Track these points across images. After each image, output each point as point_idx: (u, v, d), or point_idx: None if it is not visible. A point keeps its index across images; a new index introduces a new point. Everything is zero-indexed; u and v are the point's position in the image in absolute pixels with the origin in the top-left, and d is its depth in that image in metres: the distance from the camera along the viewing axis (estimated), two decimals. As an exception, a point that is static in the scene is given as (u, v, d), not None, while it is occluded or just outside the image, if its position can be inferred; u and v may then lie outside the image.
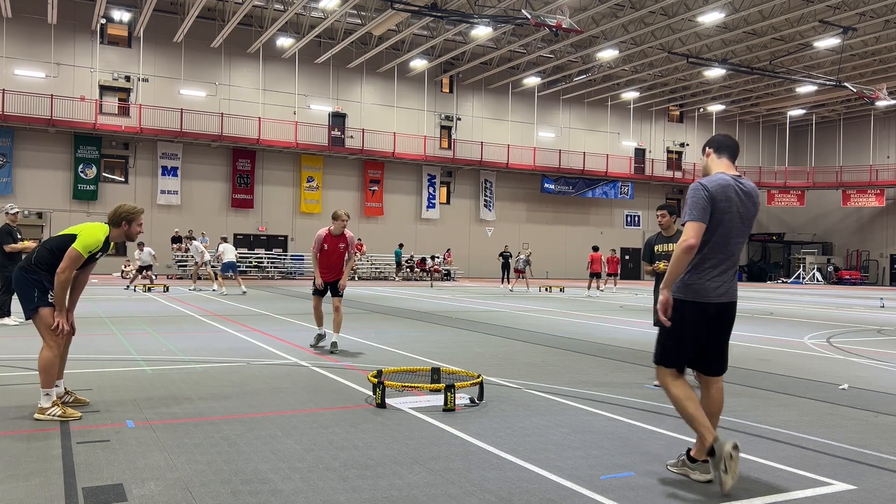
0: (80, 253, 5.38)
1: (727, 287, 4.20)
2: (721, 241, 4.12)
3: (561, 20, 27.26)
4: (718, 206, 4.07)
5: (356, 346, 9.90)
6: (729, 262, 4.19)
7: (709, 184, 4.11)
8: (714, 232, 4.09)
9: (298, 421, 5.46)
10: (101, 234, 5.52)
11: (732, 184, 4.13)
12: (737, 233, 4.15)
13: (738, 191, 4.14)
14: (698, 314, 4.15)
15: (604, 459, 4.63)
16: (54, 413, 5.29)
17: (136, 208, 5.74)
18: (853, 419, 6.01)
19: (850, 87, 36.08)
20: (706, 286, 4.13)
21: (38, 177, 31.37)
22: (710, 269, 4.15)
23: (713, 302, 4.14)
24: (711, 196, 4.06)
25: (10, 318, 11.60)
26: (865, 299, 25.94)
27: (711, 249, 4.12)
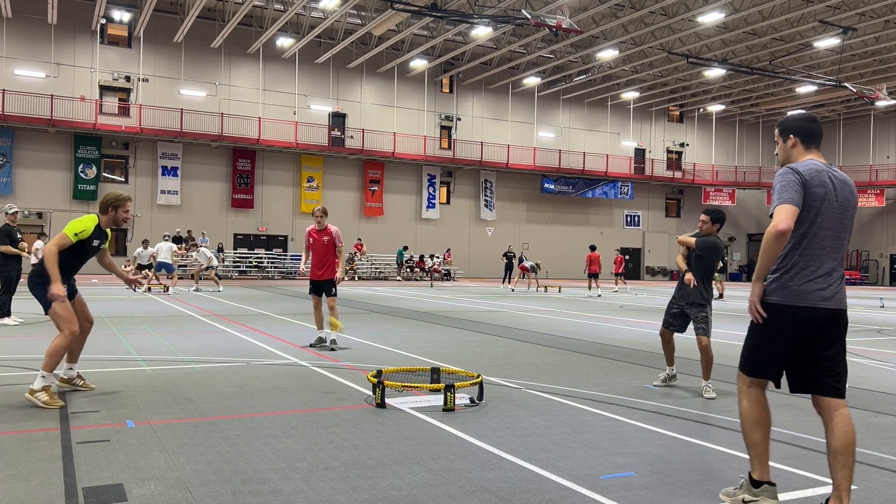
0: (66, 236, 5.93)
1: (833, 290, 3.60)
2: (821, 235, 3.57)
3: (561, 20, 27.26)
4: (814, 191, 3.51)
5: (356, 346, 9.90)
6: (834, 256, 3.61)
7: (800, 167, 3.57)
8: (813, 223, 3.55)
9: (298, 421, 5.46)
10: (89, 220, 6.08)
11: (826, 170, 3.60)
12: (837, 225, 3.59)
13: (833, 178, 3.60)
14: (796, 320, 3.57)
15: (604, 459, 4.63)
16: (40, 398, 5.66)
17: (122, 195, 6.34)
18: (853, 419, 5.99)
19: (850, 87, 36.09)
20: (805, 287, 3.56)
21: (38, 177, 31.37)
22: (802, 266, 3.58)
23: (812, 306, 3.55)
24: (805, 180, 3.51)
25: (10, 318, 11.59)
26: (865, 299, 25.94)
27: (811, 244, 3.57)
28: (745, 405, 3.72)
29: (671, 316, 7.36)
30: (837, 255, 3.63)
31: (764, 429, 3.67)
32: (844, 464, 3.53)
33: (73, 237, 5.96)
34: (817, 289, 3.56)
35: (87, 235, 6.03)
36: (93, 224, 6.08)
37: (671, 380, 7.41)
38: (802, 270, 3.58)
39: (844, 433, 3.56)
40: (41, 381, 5.72)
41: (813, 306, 3.56)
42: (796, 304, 3.57)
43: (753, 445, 3.68)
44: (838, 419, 3.59)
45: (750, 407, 3.70)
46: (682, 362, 9.18)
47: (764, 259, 3.56)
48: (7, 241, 11.48)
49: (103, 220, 6.23)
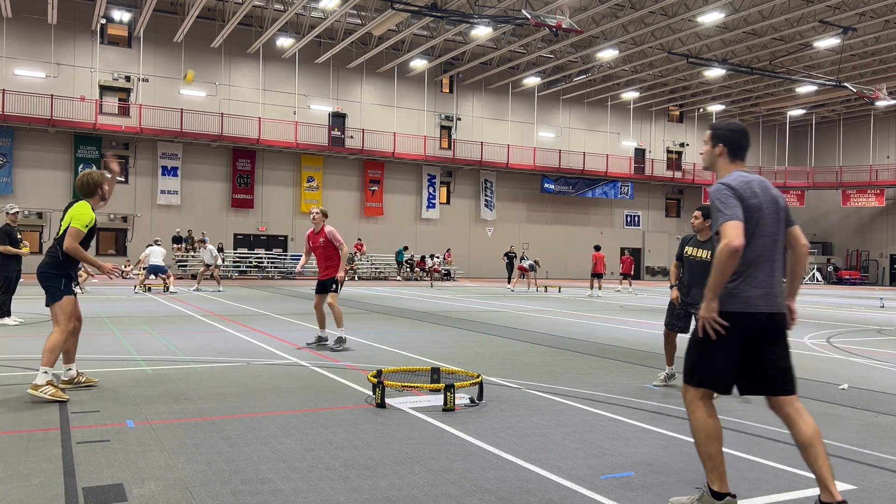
0: (79, 229, 6.08)
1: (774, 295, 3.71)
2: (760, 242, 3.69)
3: (561, 20, 27.26)
4: (749, 203, 3.64)
5: (356, 346, 9.90)
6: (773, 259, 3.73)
7: (732, 182, 3.69)
8: (753, 233, 3.66)
9: (298, 421, 5.46)
10: (88, 208, 6.23)
11: (753, 179, 3.74)
12: (774, 230, 3.72)
13: (762, 186, 3.74)
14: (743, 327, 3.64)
15: (604, 459, 4.63)
16: (46, 392, 5.78)
17: (101, 172, 6.56)
18: (853, 419, 6.01)
19: (850, 87, 36.09)
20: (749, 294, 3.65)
21: (38, 177, 31.37)
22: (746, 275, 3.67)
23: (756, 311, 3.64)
24: (739, 194, 3.65)
25: (10, 318, 11.59)
26: (865, 299, 25.94)
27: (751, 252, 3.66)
28: (698, 417, 3.67)
29: (675, 317, 7.34)
30: (775, 259, 3.73)
31: (719, 440, 3.66)
32: (818, 454, 3.57)
33: (85, 229, 6.13)
34: (761, 294, 3.65)
35: (93, 222, 6.23)
36: (91, 210, 6.26)
37: (671, 379, 7.40)
38: (746, 278, 3.65)
39: (807, 425, 3.63)
40: (44, 376, 5.83)
41: (757, 312, 3.63)
42: (744, 311, 3.62)
43: (710, 458, 3.64)
44: (797, 415, 3.67)
45: (704, 419, 3.66)
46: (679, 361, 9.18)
47: (721, 276, 3.58)
48: (7, 241, 11.48)
49: (93, 202, 6.37)
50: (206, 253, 23.00)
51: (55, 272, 6.14)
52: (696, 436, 3.69)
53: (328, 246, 9.52)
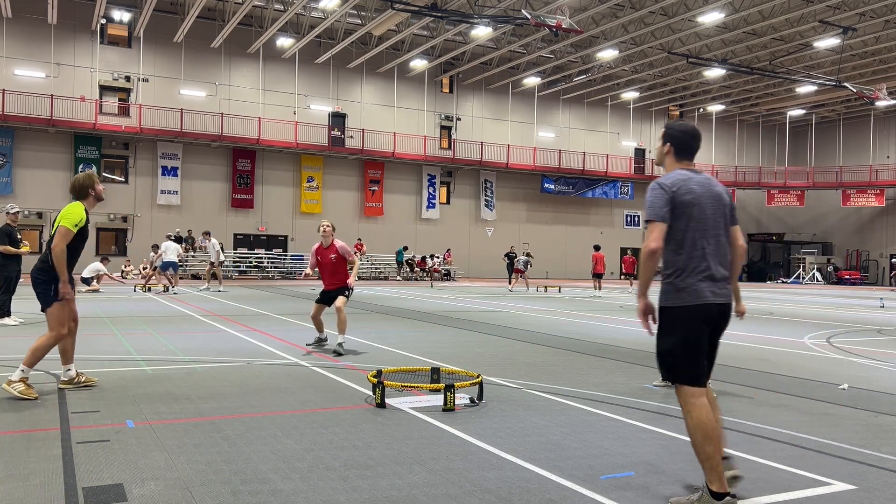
0: (69, 228, 6.02)
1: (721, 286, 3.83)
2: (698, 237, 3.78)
3: (561, 20, 27.26)
4: (682, 199, 3.75)
5: (356, 346, 9.90)
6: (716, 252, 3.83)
7: (666, 181, 3.83)
8: (688, 228, 3.76)
9: (298, 421, 5.46)
10: (79, 208, 6.18)
11: (692, 177, 3.85)
12: (713, 225, 3.81)
13: (699, 183, 3.84)
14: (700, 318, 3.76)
15: (604, 459, 4.63)
16: (16, 388, 5.90)
17: (91, 172, 6.61)
18: (853, 419, 6.01)
19: (850, 87, 36.08)
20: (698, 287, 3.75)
21: (38, 177, 31.36)
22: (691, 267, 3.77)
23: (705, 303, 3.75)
24: (672, 193, 3.76)
25: (10, 318, 11.59)
26: (865, 299, 25.94)
27: (693, 247, 3.77)
28: (696, 417, 3.69)
29: None
30: (719, 253, 3.84)
31: (716, 440, 3.68)
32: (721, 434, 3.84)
33: (75, 228, 6.06)
34: (708, 287, 3.76)
35: (84, 222, 6.17)
36: (82, 210, 6.21)
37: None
38: (692, 272, 3.77)
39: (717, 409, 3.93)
40: (19, 373, 5.96)
41: (708, 303, 3.75)
42: (696, 304, 3.75)
43: (708, 458, 3.65)
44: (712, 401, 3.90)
45: (702, 418, 3.67)
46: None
47: (643, 276, 3.80)
48: (7, 242, 11.48)
49: (87, 203, 6.35)
50: (211, 249, 22.93)
51: (44, 277, 6.10)
52: (693, 436, 3.71)
53: (339, 262, 9.31)
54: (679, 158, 3.99)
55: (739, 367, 8.74)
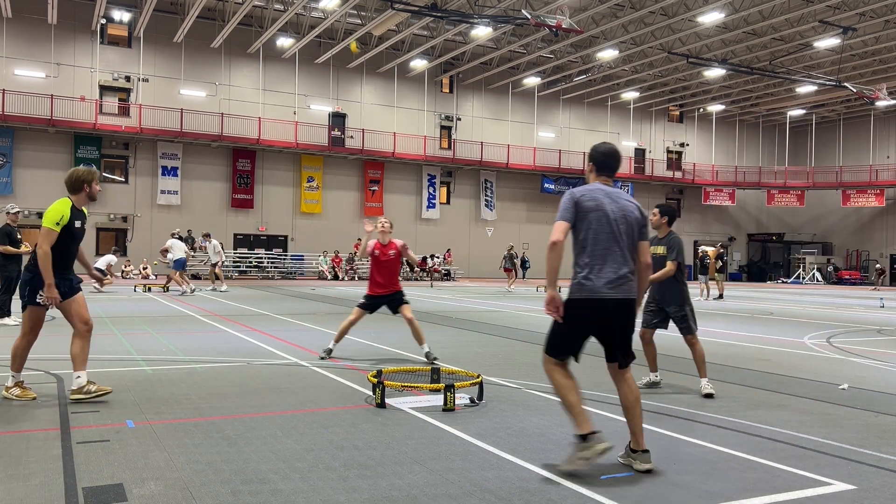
0: (49, 228, 5.74)
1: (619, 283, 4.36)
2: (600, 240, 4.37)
3: (561, 20, 27.26)
4: (585, 205, 4.38)
5: (356, 346, 9.90)
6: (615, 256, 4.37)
7: (576, 190, 4.46)
8: (589, 230, 4.37)
9: (298, 421, 5.46)
10: (62, 205, 5.88)
11: (601, 189, 4.48)
12: (610, 231, 4.37)
13: (608, 195, 4.45)
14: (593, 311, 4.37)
15: (604, 459, 4.63)
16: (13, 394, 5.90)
17: (91, 169, 6.27)
18: (853, 419, 6.00)
19: (850, 87, 36.08)
20: (596, 284, 4.35)
21: (38, 177, 31.35)
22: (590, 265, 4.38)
23: (596, 297, 4.34)
24: (576, 199, 4.40)
25: (9, 318, 11.59)
26: (865, 299, 25.94)
27: (594, 248, 4.37)
28: (558, 378, 4.43)
29: (650, 314, 7.27)
30: (619, 256, 4.39)
31: (576, 391, 4.40)
32: (634, 414, 4.43)
33: (56, 227, 5.75)
34: (605, 283, 4.34)
35: (68, 220, 5.83)
36: (67, 207, 5.89)
37: (654, 386, 7.20)
38: (592, 270, 4.37)
39: (631, 391, 4.48)
40: (11, 378, 5.97)
41: (604, 298, 4.34)
42: (592, 298, 4.35)
43: (572, 405, 4.35)
44: (625, 382, 4.51)
45: (562, 378, 4.42)
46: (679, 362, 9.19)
47: (548, 268, 4.36)
48: (7, 242, 11.48)
49: (77, 199, 6.05)
50: (211, 249, 22.89)
51: (27, 277, 5.93)
52: (559, 392, 4.43)
53: (397, 260, 8.88)
54: (598, 174, 4.59)
55: (739, 366, 8.74)
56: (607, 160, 4.61)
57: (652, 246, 7.10)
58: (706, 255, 24.34)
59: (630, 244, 4.44)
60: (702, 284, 23.82)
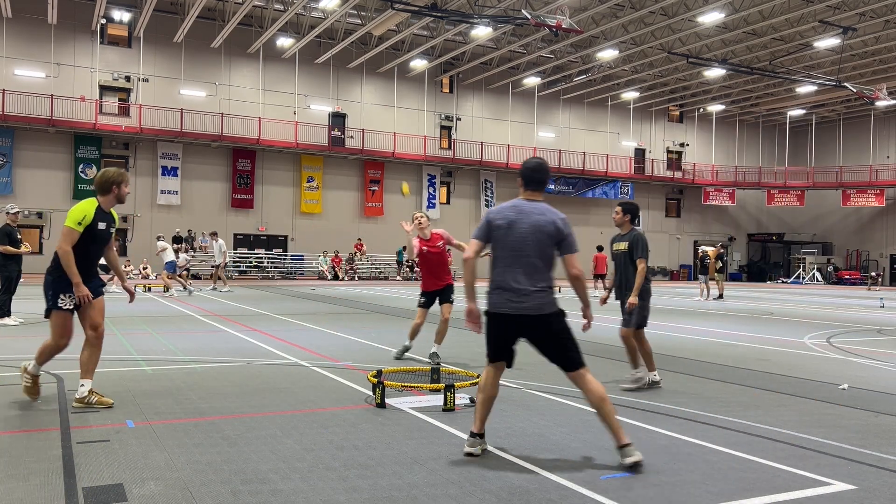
0: (70, 227, 5.59)
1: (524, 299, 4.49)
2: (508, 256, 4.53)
3: (561, 20, 27.26)
4: (495, 223, 4.58)
5: (356, 346, 9.90)
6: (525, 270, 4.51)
7: (491, 211, 4.69)
8: (503, 248, 4.55)
9: (298, 421, 5.46)
10: (87, 205, 5.70)
11: (516, 206, 4.63)
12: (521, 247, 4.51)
13: (520, 211, 4.59)
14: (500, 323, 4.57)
15: (604, 459, 4.63)
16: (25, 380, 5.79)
17: (121, 170, 5.98)
18: (853, 419, 6.01)
19: (850, 87, 36.08)
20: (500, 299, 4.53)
21: (38, 177, 31.36)
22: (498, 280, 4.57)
23: (499, 312, 4.53)
24: (489, 220, 4.62)
25: (10, 318, 11.59)
26: (865, 299, 25.94)
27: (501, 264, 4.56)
28: (483, 376, 4.73)
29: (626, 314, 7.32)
30: (523, 273, 4.51)
31: (486, 393, 4.66)
32: (603, 412, 4.44)
33: (78, 227, 5.60)
34: (506, 300, 4.51)
35: (91, 220, 5.66)
36: (92, 207, 5.70)
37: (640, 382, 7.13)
38: (497, 285, 4.56)
39: (594, 390, 4.48)
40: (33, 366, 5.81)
41: (501, 313, 4.52)
42: (496, 312, 4.55)
43: (477, 404, 4.68)
44: (582, 384, 4.52)
45: (485, 378, 4.69)
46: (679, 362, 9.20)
47: (464, 283, 4.62)
48: (7, 242, 11.49)
49: (105, 200, 5.82)
50: (217, 249, 22.88)
51: (50, 278, 5.71)
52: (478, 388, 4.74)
53: (443, 252, 8.66)
54: (525, 189, 4.76)
55: (739, 366, 8.74)
56: (533, 175, 4.73)
57: (615, 243, 7.37)
58: (706, 255, 24.33)
59: (546, 259, 4.56)
60: (702, 284, 23.82)
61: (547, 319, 4.54)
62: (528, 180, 4.75)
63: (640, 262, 7.06)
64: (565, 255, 4.61)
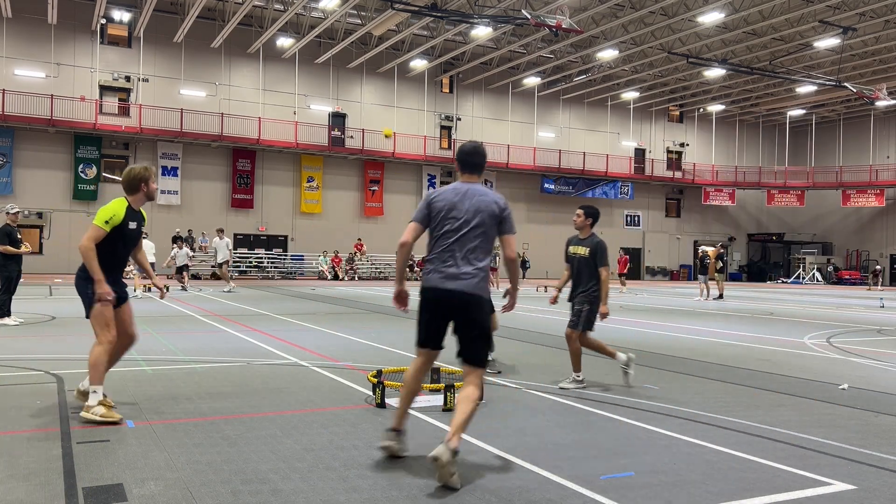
0: (97, 225, 5.40)
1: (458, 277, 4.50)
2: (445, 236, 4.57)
3: (561, 20, 27.26)
4: (435, 206, 4.62)
5: (356, 346, 9.90)
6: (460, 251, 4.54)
7: (432, 193, 4.72)
8: (440, 228, 4.59)
9: (298, 421, 5.46)
10: (117, 205, 5.52)
11: (456, 189, 4.66)
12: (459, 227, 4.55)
13: (460, 193, 4.63)
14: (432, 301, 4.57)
15: (604, 459, 4.63)
16: (96, 413, 5.20)
17: (148, 167, 5.78)
18: (853, 419, 6.01)
19: (850, 87, 36.08)
20: (434, 276, 4.56)
21: (38, 177, 31.37)
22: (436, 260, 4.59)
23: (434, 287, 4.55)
24: (429, 202, 4.67)
25: (10, 318, 11.59)
26: (865, 299, 25.94)
27: (438, 244, 4.60)
28: (411, 365, 4.70)
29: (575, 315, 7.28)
30: (461, 253, 4.54)
31: (410, 386, 4.62)
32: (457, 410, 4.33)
33: (105, 225, 5.40)
34: (441, 276, 4.53)
35: (120, 220, 5.45)
36: (122, 207, 5.51)
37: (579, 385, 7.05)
38: (434, 263, 4.58)
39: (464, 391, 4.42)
40: (94, 396, 5.28)
41: (439, 288, 4.52)
42: (429, 287, 4.56)
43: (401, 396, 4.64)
44: (466, 382, 4.49)
45: (413, 366, 4.67)
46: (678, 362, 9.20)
47: (396, 265, 4.74)
48: (7, 242, 11.48)
49: (134, 199, 5.66)
50: (223, 247, 22.88)
51: (84, 277, 5.46)
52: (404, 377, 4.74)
53: None
54: (462, 173, 4.79)
55: (739, 366, 8.74)
56: (467, 158, 4.77)
57: (574, 245, 7.30)
58: (706, 255, 24.34)
59: (486, 239, 4.58)
60: (702, 284, 23.82)
61: (478, 301, 4.54)
62: (463, 164, 4.79)
63: (605, 271, 7.05)
64: (504, 235, 4.65)
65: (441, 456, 3.95)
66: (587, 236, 7.21)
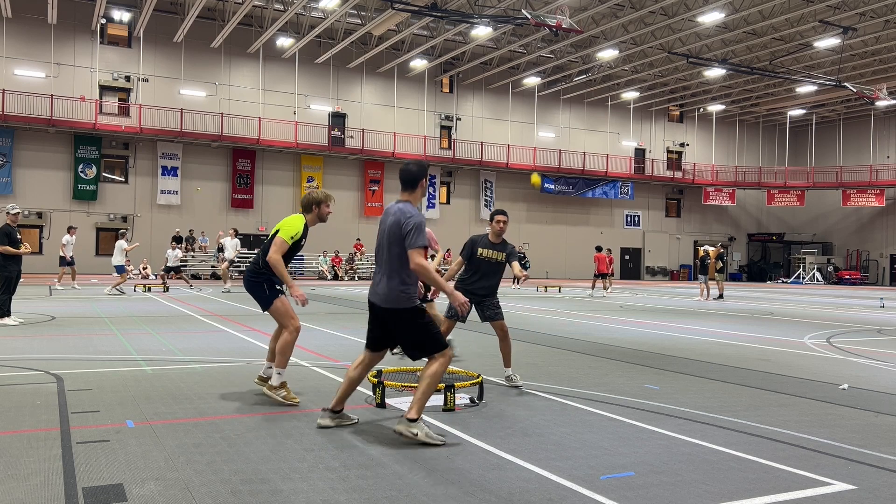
0: (284, 240, 6.10)
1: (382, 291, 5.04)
2: (378, 252, 5.17)
3: (561, 20, 27.26)
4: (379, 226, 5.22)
5: (356, 346, 9.90)
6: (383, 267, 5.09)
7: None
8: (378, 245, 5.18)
9: (298, 421, 5.47)
10: (299, 221, 6.24)
11: (393, 206, 5.15)
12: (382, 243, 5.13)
13: (387, 211, 5.16)
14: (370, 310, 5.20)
15: (604, 459, 4.63)
16: (279, 394, 6.00)
17: (326, 193, 6.50)
18: (853, 419, 6.01)
19: (850, 87, 36.08)
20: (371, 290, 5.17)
21: (38, 177, 31.36)
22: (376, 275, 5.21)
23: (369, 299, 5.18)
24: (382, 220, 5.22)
25: (10, 318, 11.59)
26: (865, 299, 25.94)
27: (378, 259, 5.19)
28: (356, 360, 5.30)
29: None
30: (382, 266, 5.10)
31: (350, 376, 5.24)
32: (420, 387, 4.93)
33: (290, 240, 6.12)
34: (372, 291, 5.15)
35: (300, 237, 6.20)
36: (302, 224, 6.23)
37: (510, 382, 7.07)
38: (373, 277, 5.20)
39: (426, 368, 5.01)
40: (277, 377, 6.05)
41: (370, 299, 5.17)
42: (369, 299, 5.19)
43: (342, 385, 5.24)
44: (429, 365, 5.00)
45: (358, 359, 5.29)
46: (678, 362, 9.20)
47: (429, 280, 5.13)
48: (7, 242, 11.48)
49: (309, 218, 6.35)
50: (231, 246, 22.86)
51: (255, 280, 6.22)
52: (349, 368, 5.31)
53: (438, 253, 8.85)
54: (402, 191, 5.22)
55: (739, 366, 8.74)
56: (401, 176, 5.21)
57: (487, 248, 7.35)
58: (706, 255, 24.33)
59: (397, 256, 4.99)
60: (702, 284, 23.82)
61: (398, 314, 5.01)
62: (402, 184, 5.21)
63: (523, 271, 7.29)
64: (408, 250, 4.92)
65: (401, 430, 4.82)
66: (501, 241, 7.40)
